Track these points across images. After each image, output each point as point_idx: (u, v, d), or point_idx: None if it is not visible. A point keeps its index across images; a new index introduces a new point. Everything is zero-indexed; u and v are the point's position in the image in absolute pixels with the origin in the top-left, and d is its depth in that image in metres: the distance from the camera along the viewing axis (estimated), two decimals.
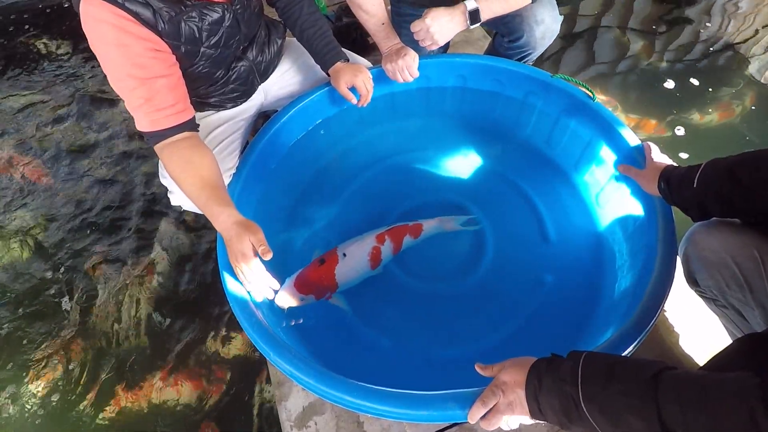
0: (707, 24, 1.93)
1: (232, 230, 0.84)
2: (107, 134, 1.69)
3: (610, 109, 1.13)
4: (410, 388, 0.73)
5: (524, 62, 1.36)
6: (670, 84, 1.71)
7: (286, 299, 0.94)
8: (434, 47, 1.09)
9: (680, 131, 1.57)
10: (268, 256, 0.83)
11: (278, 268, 1.06)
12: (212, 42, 0.94)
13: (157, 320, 1.27)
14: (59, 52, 2.02)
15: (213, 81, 1.05)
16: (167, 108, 0.87)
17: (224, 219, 0.85)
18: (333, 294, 1.02)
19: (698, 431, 0.47)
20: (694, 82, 1.73)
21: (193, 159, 0.89)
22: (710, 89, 1.70)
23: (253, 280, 0.87)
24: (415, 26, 1.07)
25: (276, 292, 0.92)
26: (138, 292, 1.32)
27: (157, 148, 0.90)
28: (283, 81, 1.24)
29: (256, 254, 0.84)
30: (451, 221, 1.14)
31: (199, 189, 0.87)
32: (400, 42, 1.16)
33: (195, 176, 0.88)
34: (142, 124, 0.88)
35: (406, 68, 1.13)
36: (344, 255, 1.01)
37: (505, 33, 1.25)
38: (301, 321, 1.02)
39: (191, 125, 0.92)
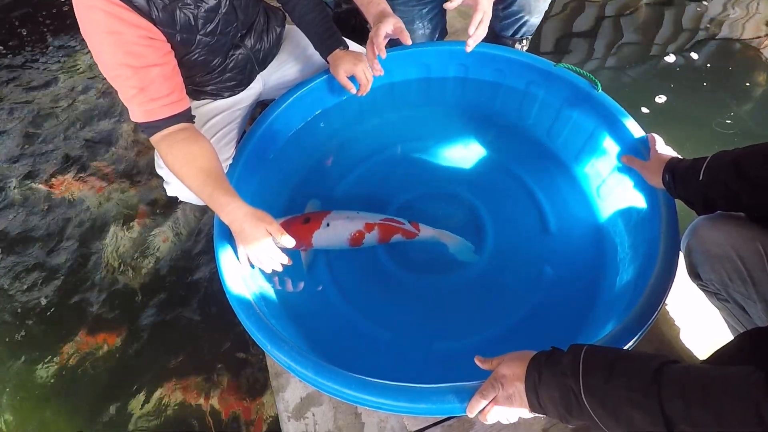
0: None
1: (245, 221, 0.85)
2: None
3: None
4: (410, 381, 0.73)
5: (523, 33, 1.32)
6: None
7: None
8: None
9: None
10: (292, 244, 0.87)
11: None
12: (208, 30, 0.92)
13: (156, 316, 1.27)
14: None
15: (210, 69, 1.03)
16: (162, 98, 0.85)
17: (233, 210, 0.85)
18: (308, 249, 1.07)
19: (702, 425, 0.46)
20: None
21: (193, 151, 0.88)
22: None
23: (271, 266, 0.89)
24: (480, 12, 0.96)
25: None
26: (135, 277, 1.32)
27: (153, 140, 0.89)
28: (282, 70, 1.22)
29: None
30: (450, 238, 1.11)
31: (203, 182, 0.87)
32: (384, 9, 1.02)
33: (196, 169, 0.87)
34: (137, 115, 0.86)
35: (373, 39, 0.99)
36: (328, 225, 1.04)
37: (497, 0, 1.20)
38: (302, 285, 1.07)
39: (187, 116, 0.91)
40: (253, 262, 0.91)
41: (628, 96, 1.61)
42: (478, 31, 0.99)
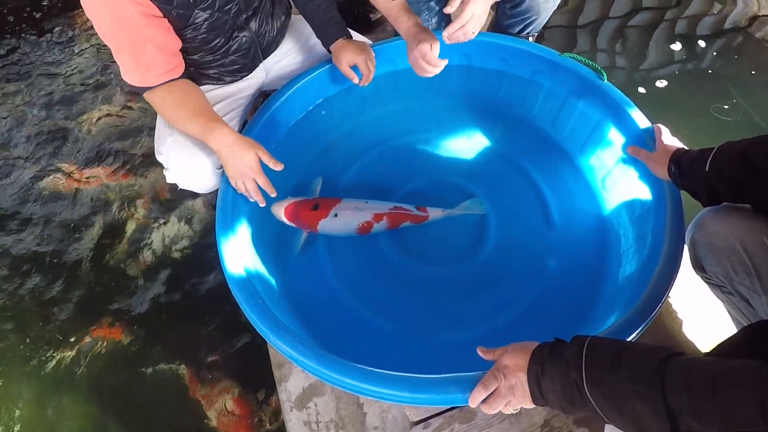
0: None
1: (237, 145, 0.88)
2: None
3: None
4: (412, 372, 0.72)
5: (529, 31, 1.31)
6: None
7: (275, 212, 1.07)
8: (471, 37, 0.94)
9: None
10: (280, 167, 0.91)
11: (276, 246, 1.09)
12: (206, 4, 0.92)
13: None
14: None
15: (212, 49, 1.02)
16: (156, 69, 0.88)
17: (226, 134, 0.88)
18: (313, 233, 1.09)
19: (707, 418, 0.46)
20: None
21: (192, 91, 0.93)
22: None
23: (256, 192, 0.93)
24: (465, 17, 0.87)
25: (273, 201, 1.02)
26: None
27: (146, 94, 0.92)
28: (285, 60, 1.21)
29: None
30: (460, 210, 1.13)
31: (197, 114, 0.90)
32: (416, 23, 0.99)
33: (189, 105, 0.91)
34: (130, 78, 0.89)
35: (422, 59, 0.97)
36: (336, 215, 1.05)
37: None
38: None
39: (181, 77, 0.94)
40: (240, 190, 0.93)
41: (628, 78, 1.60)
42: (455, 33, 0.90)
